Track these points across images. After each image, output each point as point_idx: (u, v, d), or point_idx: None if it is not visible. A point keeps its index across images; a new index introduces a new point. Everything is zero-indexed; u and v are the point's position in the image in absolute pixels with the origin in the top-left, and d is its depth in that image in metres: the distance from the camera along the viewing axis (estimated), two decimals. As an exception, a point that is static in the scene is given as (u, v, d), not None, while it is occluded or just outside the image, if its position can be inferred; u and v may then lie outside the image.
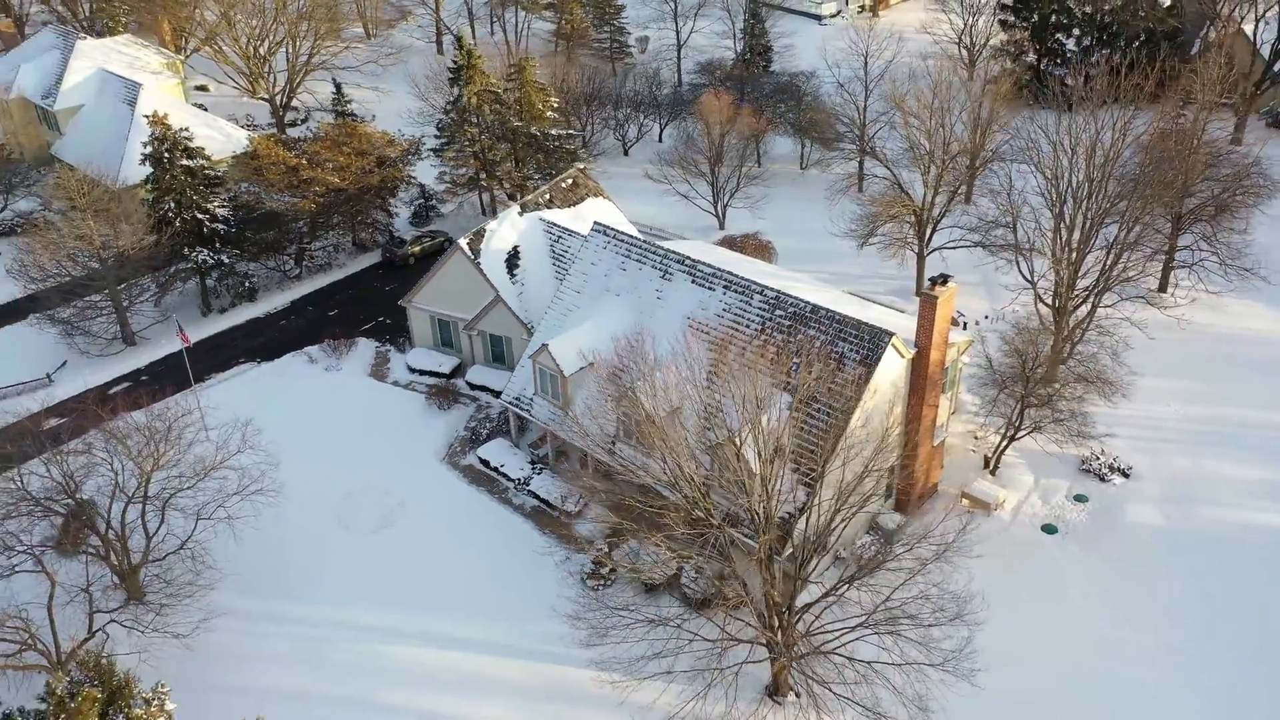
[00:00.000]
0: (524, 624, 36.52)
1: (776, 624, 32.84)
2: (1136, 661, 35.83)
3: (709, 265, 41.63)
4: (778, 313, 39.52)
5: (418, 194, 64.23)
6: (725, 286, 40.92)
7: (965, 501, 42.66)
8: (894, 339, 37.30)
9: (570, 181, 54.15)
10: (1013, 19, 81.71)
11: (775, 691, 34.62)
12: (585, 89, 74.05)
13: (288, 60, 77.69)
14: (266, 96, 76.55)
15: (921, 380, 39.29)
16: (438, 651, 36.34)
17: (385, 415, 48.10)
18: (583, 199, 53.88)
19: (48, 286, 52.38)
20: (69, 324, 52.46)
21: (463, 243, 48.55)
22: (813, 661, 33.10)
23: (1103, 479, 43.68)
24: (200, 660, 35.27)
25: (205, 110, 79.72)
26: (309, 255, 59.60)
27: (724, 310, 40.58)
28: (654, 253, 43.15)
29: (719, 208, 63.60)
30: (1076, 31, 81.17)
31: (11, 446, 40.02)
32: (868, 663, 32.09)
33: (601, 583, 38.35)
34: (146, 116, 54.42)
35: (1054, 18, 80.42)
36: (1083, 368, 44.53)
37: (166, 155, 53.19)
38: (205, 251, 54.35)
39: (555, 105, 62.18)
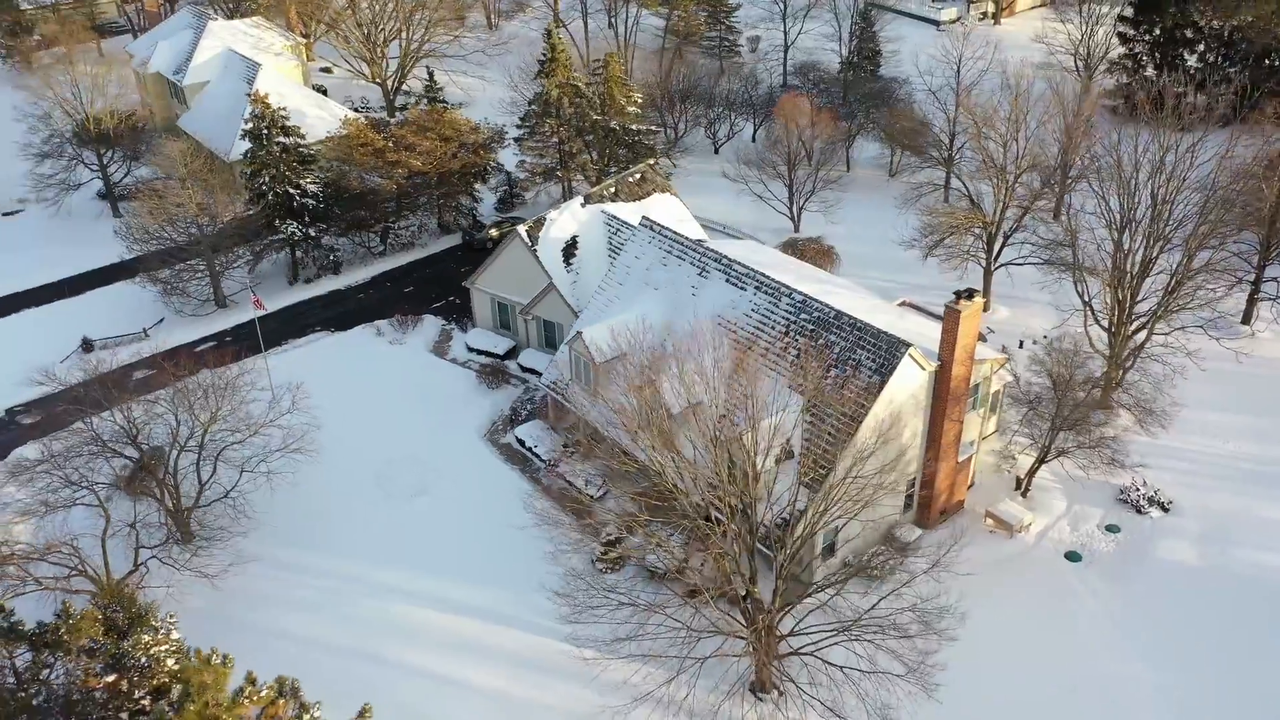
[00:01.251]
0: (528, 596, 37.99)
1: (759, 621, 33.42)
2: (1131, 702, 34.93)
3: (744, 265, 42.26)
4: (802, 316, 39.90)
5: (503, 181, 66.50)
6: (756, 287, 41.49)
7: (989, 521, 42.14)
8: (911, 350, 37.24)
9: (638, 176, 55.34)
10: (1132, 31, 78.83)
11: (760, 688, 35.21)
12: (679, 86, 75.03)
13: (400, 47, 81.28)
14: (379, 81, 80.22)
15: (943, 395, 39.04)
16: (445, 615, 38.21)
17: (437, 390, 50.40)
18: (649, 194, 54.96)
19: (151, 250, 56.61)
20: (168, 284, 56.64)
21: (521, 230, 50.39)
22: (789, 662, 33.69)
23: (1139, 511, 42.43)
24: (224, 598, 38.15)
25: (324, 92, 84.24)
26: (394, 234, 62.55)
27: (752, 310, 41.17)
28: (693, 250, 44.00)
29: (794, 210, 63.76)
30: (1200, 47, 77.82)
31: (98, 393, 43.76)
32: (840, 667, 32.44)
33: (610, 566, 39.58)
34: (248, 95, 57.97)
35: (1176, 31, 77.25)
36: (1126, 396, 43.33)
37: (265, 132, 56.78)
38: (294, 224, 57.83)
39: (638, 101, 63.42)
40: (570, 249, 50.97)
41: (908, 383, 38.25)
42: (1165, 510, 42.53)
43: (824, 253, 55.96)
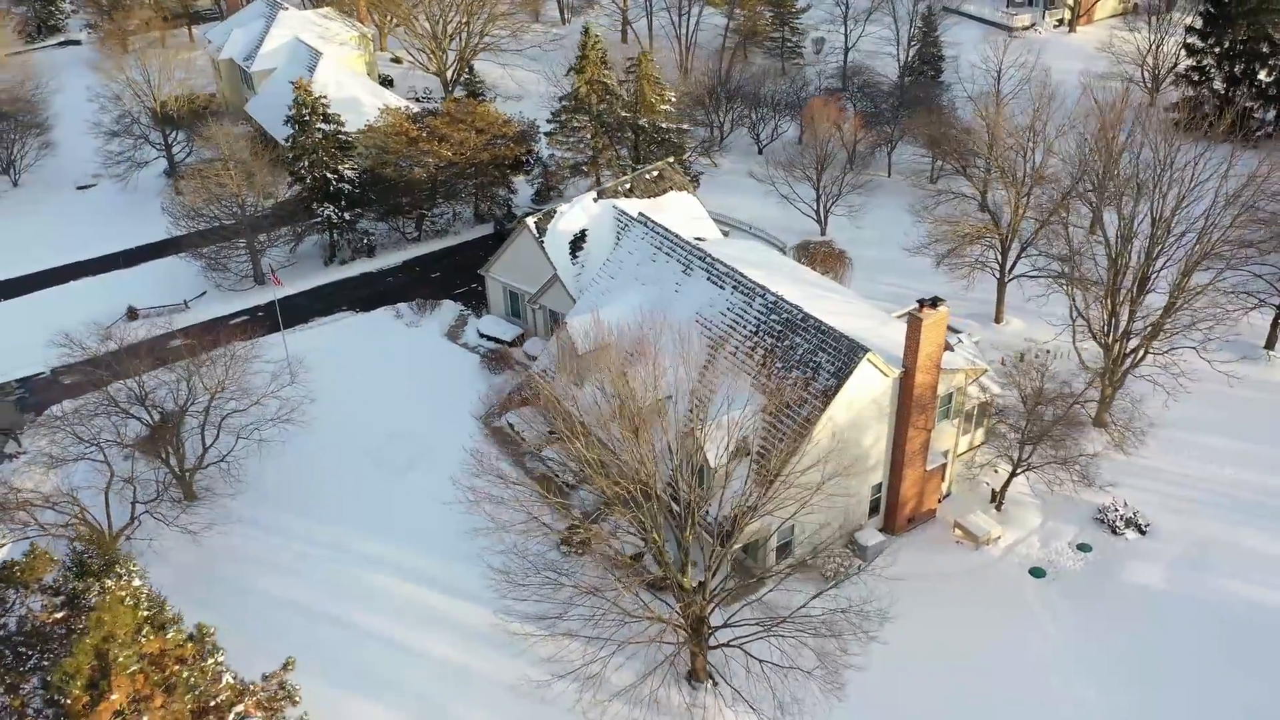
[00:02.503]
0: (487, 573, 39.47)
1: (690, 610, 34.30)
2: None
3: (726, 265, 43.01)
4: (772, 317, 40.50)
5: (539, 174, 68.22)
6: (734, 287, 42.22)
7: (957, 532, 42.10)
8: (870, 355, 37.54)
9: (656, 173, 56.43)
10: (1200, 43, 76.34)
11: (694, 677, 36.08)
12: (726, 86, 75.68)
13: (460, 40, 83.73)
14: (437, 72, 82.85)
15: (907, 402, 39.21)
16: (410, 584, 40.00)
17: (443, 372, 52.39)
18: (665, 191, 56.00)
19: (198, 227, 59.91)
20: (211, 260, 59.98)
21: (530, 221, 51.98)
22: (717, 653, 34.62)
23: (1115, 531, 41.87)
24: (205, 554, 40.86)
25: (390, 83, 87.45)
26: (429, 220, 64.88)
27: (728, 309, 41.93)
28: (681, 247, 44.93)
29: (820, 213, 63.92)
30: (1273, 61, 74.93)
31: (115, 359, 46.84)
32: (761, 661, 33.18)
33: (573, 550, 40.85)
34: (292, 83, 60.90)
35: (1249, 44, 74.57)
36: (1107, 414, 42.73)
37: (306, 118, 59.61)
38: (331, 208, 60.58)
39: (670, 99, 64.37)
40: (578, 242, 52.33)
41: (869, 388, 38.56)
42: (1142, 533, 41.84)
43: (835, 256, 56.14)
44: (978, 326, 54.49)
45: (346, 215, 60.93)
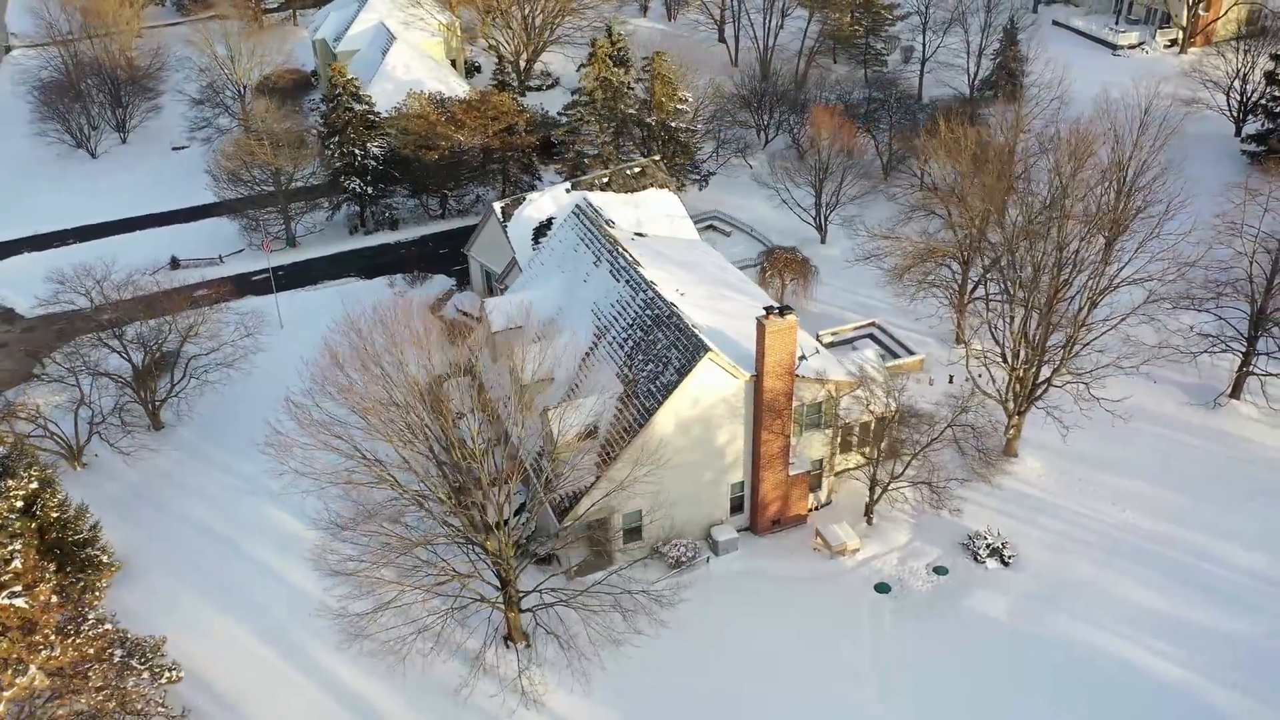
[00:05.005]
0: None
1: (504, 577, 36.95)
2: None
3: (626, 259, 45.01)
4: (647, 312, 42.32)
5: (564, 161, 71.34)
6: (627, 281, 44.23)
7: (816, 539, 42.77)
8: (712, 355, 38.88)
9: (638, 170, 58.58)
10: (1281, 71, 71.52)
11: (510, 638, 38.69)
12: (772, 89, 76.63)
13: (539, 31, 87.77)
14: (510, 61, 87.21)
15: (758, 406, 40.30)
16: (297, 520, 43.69)
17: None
18: (644, 188, 58.10)
19: (241, 193, 66.21)
20: (251, 220, 66.38)
21: (497, 206, 55.30)
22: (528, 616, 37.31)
23: (977, 559, 41.54)
24: (137, 474, 46.72)
25: (478, 69, 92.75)
26: (452, 200, 69.26)
27: (617, 301, 43.99)
28: (598, 240, 47.18)
29: (820, 220, 64.36)
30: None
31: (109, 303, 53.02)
32: (549, 632, 35.87)
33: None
34: (329, 65, 66.36)
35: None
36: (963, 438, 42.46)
37: (339, 98, 64.99)
38: (357, 182, 65.83)
39: (684, 99, 66.16)
40: (543, 229, 55.19)
41: (717, 387, 39.88)
42: (1005, 564, 41.33)
43: (797, 263, 56.72)
44: (936, 345, 54.19)
45: (370, 190, 66.00)
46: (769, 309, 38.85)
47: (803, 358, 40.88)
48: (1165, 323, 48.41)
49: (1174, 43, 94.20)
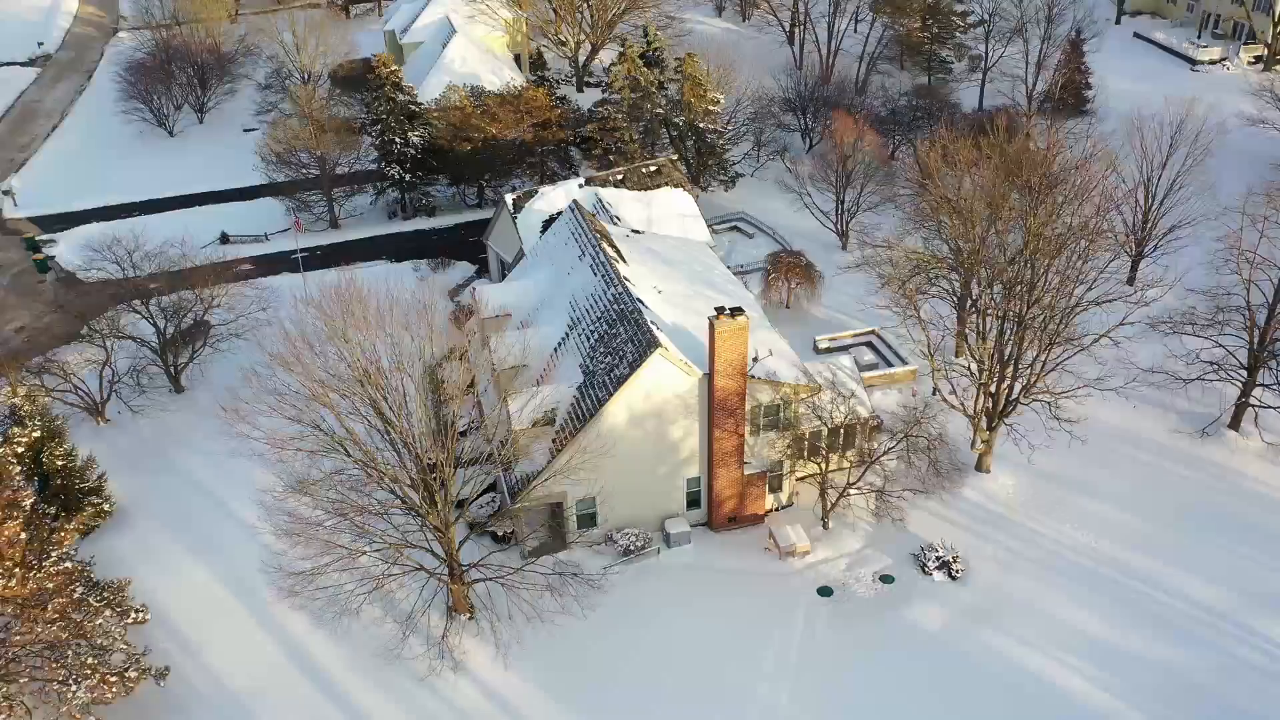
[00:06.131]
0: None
1: (447, 552, 38.81)
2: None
3: (606, 255, 46.28)
4: (615, 306, 43.54)
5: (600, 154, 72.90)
6: (603, 276, 45.52)
7: (770, 539, 43.38)
8: (663, 351, 39.90)
9: (654, 168, 59.80)
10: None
11: (454, 609, 40.51)
12: (818, 94, 76.82)
13: (601, 30, 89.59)
14: (569, 56, 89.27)
15: (710, 404, 41.16)
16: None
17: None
18: (659, 186, 59.31)
19: (289, 175, 69.66)
20: (298, 201, 69.89)
21: (509, 198, 57.18)
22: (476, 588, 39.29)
23: (924, 570, 41.62)
24: (152, 431, 50.20)
25: (544, 63, 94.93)
26: (489, 189, 71.56)
27: (591, 294, 45.32)
28: (585, 235, 48.56)
29: (841, 227, 64.43)
30: None
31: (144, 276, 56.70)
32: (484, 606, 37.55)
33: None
34: (374, 56, 69.25)
35: None
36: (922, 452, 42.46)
37: (382, 88, 67.86)
38: (396, 169, 68.67)
39: (716, 101, 66.95)
40: (551, 222, 56.79)
41: (670, 383, 40.88)
42: (953, 578, 41.31)
43: (800, 269, 57.01)
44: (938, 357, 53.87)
45: (408, 177, 68.75)
46: (720, 309, 39.68)
47: (755, 359, 41.53)
48: (1170, 345, 47.42)
49: (1258, 59, 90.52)
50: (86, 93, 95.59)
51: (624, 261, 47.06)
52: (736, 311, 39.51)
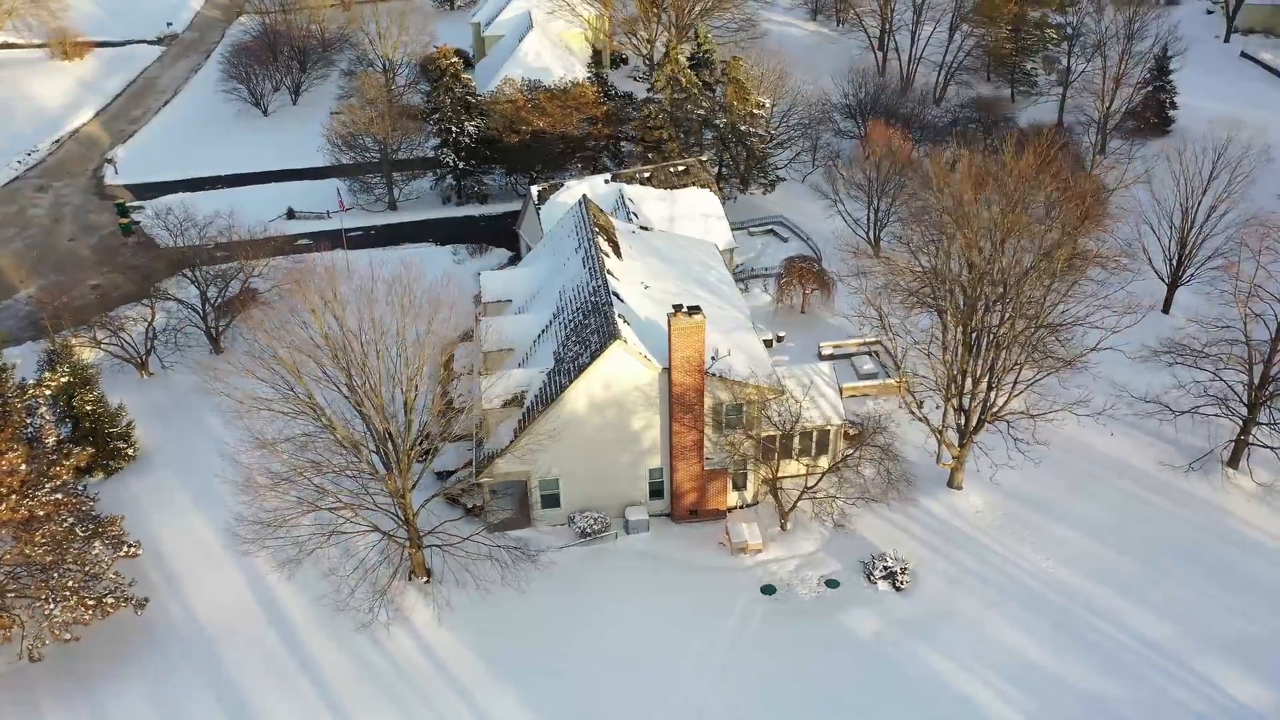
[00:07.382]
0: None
1: (405, 518, 41.28)
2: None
3: (596, 249, 47.88)
4: (593, 299, 45.14)
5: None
6: (590, 269, 47.15)
7: (725, 535, 44.32)
8: (621, 344, 41.30)
9: (682, 168, 61.09)
10: None
11: (414, 573, 42.92)
12: (867, 100, 76.67)
13: (681, 29, 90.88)
14: (643, 54, 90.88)
15: (668, 399, 42.38)
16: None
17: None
18: (685, 185, 60.63)
19: (354, 157, 73.57)
20: (360, 183, 73.82)
21: (534, 190, 59.33)
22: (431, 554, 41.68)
23: (869, 579, 41.92)
24: (188, 386, 54.06)
25: (624, 60, 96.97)
26: (540, 179, 73.87)
27: (578, 286, 47.02)
28: (583, 228, 50.24)
29: (872, 234, 64.33)
30: None
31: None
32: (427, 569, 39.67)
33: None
34: (436, 48, 72.37)
35: None
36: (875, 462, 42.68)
37: (441, 78, 70.99)
38: (452, 156, 71.76)
39: (760, 104, 67.56)
40: (573, 214, 58.81)
41: (630, 375, 42.27)
42: (897, 588, 41.50)
43: (814, 275, 57.31)
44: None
45: (461, 165, 71.75)
46: (677, 307, 40.87)
47: (714, 357, 42.50)
48: (1178, 375, 46.37)
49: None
50: (201, 71, 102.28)
51: (618, 257, 48.59)
52: (694, 310, 40.63)
